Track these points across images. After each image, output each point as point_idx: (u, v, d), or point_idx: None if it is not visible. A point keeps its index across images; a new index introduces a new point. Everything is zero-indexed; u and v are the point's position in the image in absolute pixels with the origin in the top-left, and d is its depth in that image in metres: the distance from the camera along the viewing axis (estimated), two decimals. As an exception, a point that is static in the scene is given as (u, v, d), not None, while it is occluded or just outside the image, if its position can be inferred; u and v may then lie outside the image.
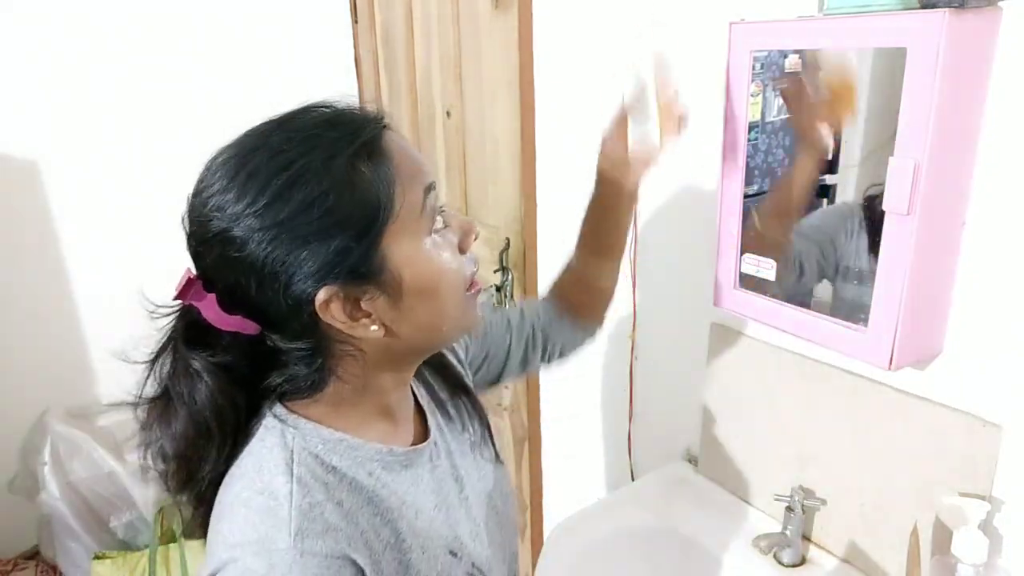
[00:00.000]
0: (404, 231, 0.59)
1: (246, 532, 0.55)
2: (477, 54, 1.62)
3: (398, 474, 0.66)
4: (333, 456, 0.62)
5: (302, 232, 0.55)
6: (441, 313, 0.64)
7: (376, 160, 0.57)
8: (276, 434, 0.61)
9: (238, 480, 0.59)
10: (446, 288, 0.63)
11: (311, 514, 0.55)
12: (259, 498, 0.56)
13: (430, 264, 0.61)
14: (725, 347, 1.17)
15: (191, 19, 2.12)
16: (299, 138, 0.56)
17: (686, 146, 1.17)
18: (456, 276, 0.64)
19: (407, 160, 0.60)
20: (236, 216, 0.55)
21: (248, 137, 0.60)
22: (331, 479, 0.60)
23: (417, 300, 0.61)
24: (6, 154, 1.97)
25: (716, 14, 1.05)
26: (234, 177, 0.56)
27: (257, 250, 0.55)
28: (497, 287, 1.65)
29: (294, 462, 0.59)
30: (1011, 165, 0.79)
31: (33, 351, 2.11)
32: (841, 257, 0.91)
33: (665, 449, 1.37)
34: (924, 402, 0.91)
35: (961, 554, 0.83)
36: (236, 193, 0.56)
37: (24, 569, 2.08)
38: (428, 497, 0.69)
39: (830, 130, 0.87)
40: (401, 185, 0.58)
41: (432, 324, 0.64)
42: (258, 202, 0.54)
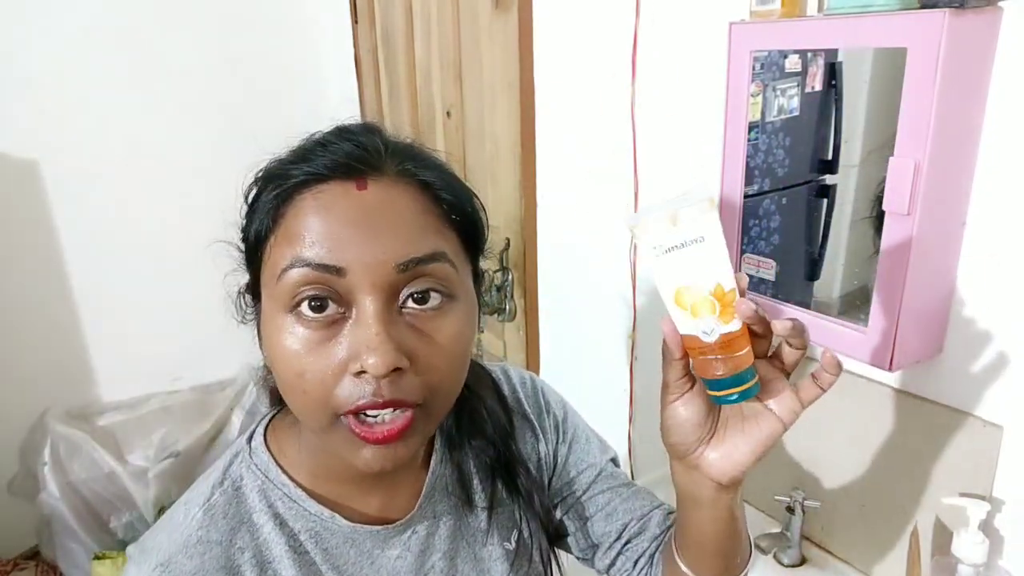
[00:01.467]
0: (267, 284, 0.53)
1: (145, 538, 0.58)
2: (477, 54, 1.62)
3: (331, 550, 0.60)
4: (268, 499, 0.59)
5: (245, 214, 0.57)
6: (286, 397, 0.54)
7: (278, 200, 0.53)
8: (230, 454, 0.61)
9: (194, 486, 0.61)
10: (282, 376, 0.53)
11: (188, 551, 0.55)
12: (178, 508, 0.59)
13: (270, 337, 0.53)
14: (725, 347, 1.17)
15: (191, 19, 2.12)
16: (301, 147, 0.56)
17: (686, 146, 1.18)
18: (293, 376, 0.51)
19: (304, 224, 0.51)
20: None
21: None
22: (253, 521, 0.58)
23: (270, 361, 0.54)
24: (6, 154, 1.97)
25: (716, 14, 1.05)
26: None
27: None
28: (497, 287, 1.65)
29: (220, 487, 0.59)
30: (1011, 165, 0.79)
31: (33, 351, 2.11)
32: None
33: (665, 449, 1.37)
34: (924, 402, 0.91)
35: (961, 554, 0.83)
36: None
37: (24, 569, 2.08)
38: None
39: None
40: (276, 237, 0.52)
41: (291, 406, 0.55)
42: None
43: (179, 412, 2.22)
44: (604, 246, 1.40)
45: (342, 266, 0.49)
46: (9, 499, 2.09)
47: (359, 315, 0.50)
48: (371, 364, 0.48)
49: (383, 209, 0.51)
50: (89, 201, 2.09)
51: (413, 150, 0.56)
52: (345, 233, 0.50)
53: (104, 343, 2.21)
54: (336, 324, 0.51)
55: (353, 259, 0.49)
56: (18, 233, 2.03)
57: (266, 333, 0.53)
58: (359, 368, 0.49)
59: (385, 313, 0.50)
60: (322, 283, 0.50)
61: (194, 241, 2.43)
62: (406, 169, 0.54)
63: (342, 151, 0.52)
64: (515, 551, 0.70)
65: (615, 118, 1.28)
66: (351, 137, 0.54)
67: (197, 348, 2.31)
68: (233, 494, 0.58)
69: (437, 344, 0.52)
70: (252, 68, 2.23)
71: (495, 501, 0.69)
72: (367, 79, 2.21)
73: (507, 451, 0.71)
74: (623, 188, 1.31)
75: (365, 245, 0.50)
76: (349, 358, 0.50)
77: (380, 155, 0.53)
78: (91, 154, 2.06)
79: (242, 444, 0.62)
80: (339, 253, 0.49)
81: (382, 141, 0.55)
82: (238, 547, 0.56)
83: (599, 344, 1.48)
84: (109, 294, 2.17)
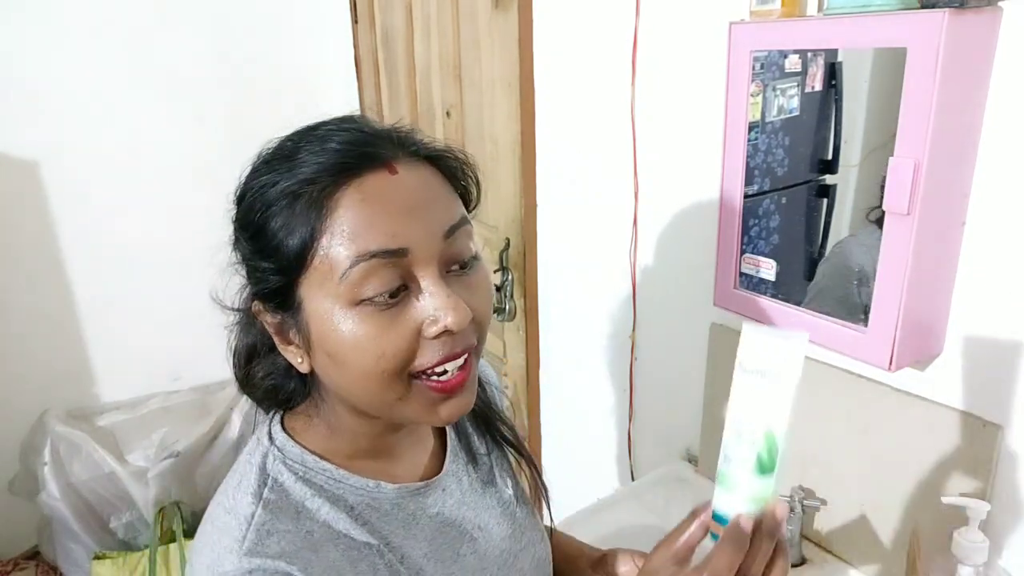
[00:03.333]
0: (320, 287, 0.54)
1: (204, 553, 0.57)
2: (477, 54, 1.62)
3: (386, 513, 0.63)
4: (315, 485, 0.61)
5: (248, 239, 0.58)
6: (353, 385, 0.57)
7: (316, 205, 0.53)
8: (259, 455, 0.62)
9: (221, 492, 0.61)
10: (355, 365, 0.55)
11: (268, 536, 0.55)
12: (224, 517, 0.58)
13: (337, 333, 0.54)
14: (725, 347, 1.17)
15: (191, 19, 2.12)
16: (286, 151, 0.57)
17: (686, 146, 1.18)
18: (372, 360, 0.54)
19: (359, 219, 0.53)
20: (233, 203, 0.60)
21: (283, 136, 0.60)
22: (307, 507, 0.59)
23: (328, 360, 0.56)
24: (6, 154, 1.97)
25: (716, 14, 1.05)
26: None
27: (236, 237, 0.60)
28: (497, 287, 1.65)
29: (266, 487, 0.59)
30: (1011, 165, 0.79)
31: (33, 351, 2.11)
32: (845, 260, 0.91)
33: (665, 449, 1.37)
34: (924, 402, 0.91)
35: (961, 554, 0.83)
36: (238, 183, 0.60)
37: (24, 569, 2.08)
38: (419, 544, 0.64)
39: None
40: (329, 240, 0.53)
41: (349, 391, 0.58)
42: (238, 198, 0.59)
43: (179, 412, 2.22)
44: (604, 246, 1.40)
45: (406, 246, 0.53)
46: (9, 499, 2.09)
47: (425, 286, 0.55)
48: (452, 322, 0.54)
49: (418, 187, 0.56)
50: (89, 201, 2.09)
51: (402, 130, 0.60)
52: (399, 216, 0.54)
53: (104, 343, 2.21)
54: (402, 302, 0.55)
55: (413, 238, 0.54)
56: (18, 233, 2.03)
57: (321, 333, 0.55)
58: (439, 330, 0.54)
59: (444, 278, 0.56)
60: (390, 268, 0.53)
61: (194, 241, 2.43)
62: (410, 150, 0.58)
63: (355, 141, 0.55)
64: (516, 494, 0.77)
65: (615, 118, 1.28)
66: (347, 128, 0.57)
67: (197, 348, 2.30)
68: (281, 490, 0.60)
69: (479, 296, 0.58)
70: (252, 68, 2.23)
71: (489, 450, 0.77)
72: (367, 79, 2.21)
73: (487, 408, 0.79)
74: (623, 188, 1.31)
75: (419, 223, 0.54)
76: (420, 326, 0.55)
77: (387, 138, 0.57)
78: (91, 154, 2.06)
79: (265, 444, 0.63)
80: (400, 237, 0.53)
81: (378, 127, 0.59)
82: (306, 531, 0.58)
83: (599, 344, 1.48)
84: (109, 294, 2.17)
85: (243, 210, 0.58)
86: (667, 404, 1.36)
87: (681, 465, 1.31)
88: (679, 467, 1.31)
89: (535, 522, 0.79)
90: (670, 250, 1.27)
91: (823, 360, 1.02)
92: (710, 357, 1.20)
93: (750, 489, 0.52)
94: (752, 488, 0.52)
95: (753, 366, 0.50)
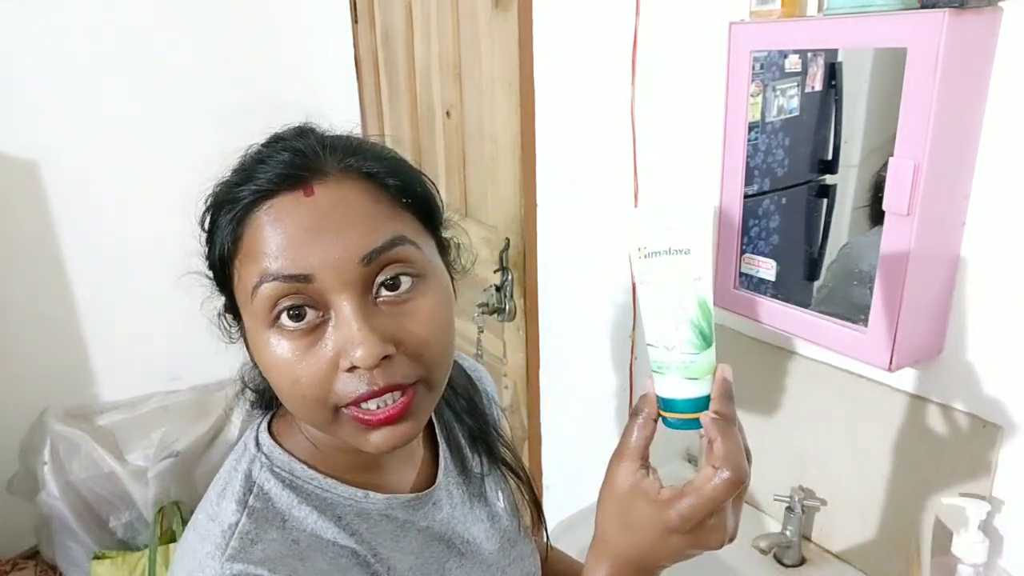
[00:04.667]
0: (244, 305, 0.54)
1: (184, 561, 0.55)
2: (477, 54, 1.62)
3: (374, 523, 0.62)
4: (303, 492, 0.60)
5: (205, 241, 0.58)
6: (286, 404, 0.56)
7: (234, 221, 0.53)
8: (246, 462, 0.61)
9: (205, 499, 0.60)
10: (277, 387, 0.54)
11: (252, 544, 0.54)
12: (207, 524, 0.57)
13: (259, 353, 0.54)
14: (725, 347, 1.17)
15: (191, 19, 2.12)
16: (241, 161, 0.57)
17: (686, 146, 1.18)
18: (288, 384, 0.52)
19: (263, 240, 0.52)
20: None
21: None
22: (294, 515, 0.58)
23: (265, 374, 0.56)
24: (6, 154, 1.97)
25: (716, 14, 1.05)
26: None
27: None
28: (497, 287, 1.65)
29: (251, 494, 0.58)
30: (1011, 165, 0.79)
31: (33, 351, 2.11)
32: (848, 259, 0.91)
33: (665, 449, 1.37)
34: (924, 402, 0.91)
35: (961, 554, 0.83)
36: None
37: (24, 569, 2.08)
38: (406, 557, 0.63)
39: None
40: (242, 259, 0.53)
41: (293, 412, 0.57)
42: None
43: (179, 412, 2.22)
44: (604, 246, 1.40)
45: (308, 273, 0.51)
46: (9, 499, 2.09)
47: (337, 315, 0.52)
48: (359, 358, 0.50)
49: (334, 209, 0.52)
50: (89, 201, 2.09)
51: (351, 143, 0.57)
52: (304, 240, 0.51)
53: (104, 343, 2.21)
54: (319, 328, 0.52)
55: (317, 264, 0.51)
56: (18, 233, 2.03)
57: (254, 348, 0.55)
58: (349, 364, 0.51)
59: (362, 307, 0.51)
60: (294, 293, 0.51)
61: (194, 241, 2.43)
62: (348, 165, 0.54)
63: (282, 161, 0.53)
64: (508, 508, 0.77)
65: (615, 118, 1.28)
66: (287, 145, 0.55)
67: (197, 348, 2.29)
68: (266, 498, 0.58)
69: (418, 323, 0.54)
70: (252, 68, 2.23)
71: (484, 469, 0.76)
72: (367, 79, 2.21)
73: (483, 423, 0.78)
74: (623, 188, 1.31)
75: (325, 248, 0.51)
76: (338, 356, 0.52)
77: (319, 156, 0.54)
78: (91, 154, 2.06)
79: (251, 451, 0.62)
80: (302, 261, 0.51)
81: (317, 141, 0.55)
82: (292, 539, 0.57)
83: (599, 344, 1.48)
84: (109, 294, 2.17)
85: (201, 216, 0.58)
86: (667, 404, 1.36)
87: (681, 465, 1.31)
88: (679, 467, 1.31)
89: (525, 536, 0.78)
90: (670, 250, 1.27)
91: (823, 360, 1.02)
92: (710, 357, 1.20)
93: (700, 366, 0.52)
94: (701, 365, 0.52)
95: (666, 245, 0.49)
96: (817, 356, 1.03)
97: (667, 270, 0.50)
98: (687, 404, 0.53)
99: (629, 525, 0.53)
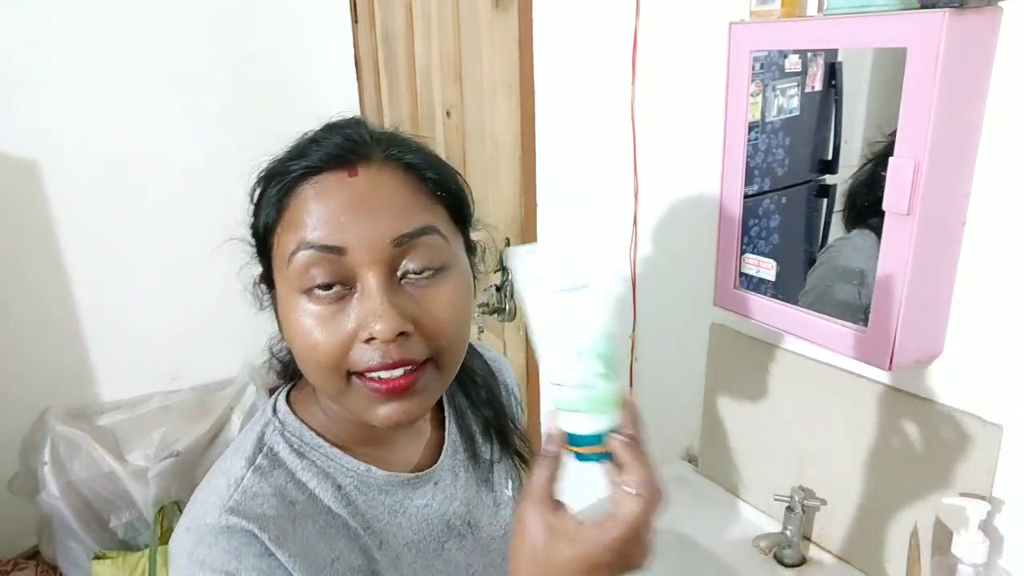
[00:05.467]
0: (279, 270, 0.59)
1: (192, 508, 0.60)
2: (477, 54, 1.62)
3: (372, 498, 0.65)
4: (308, 459, 0.64)
5: (251, 215, 0.62)
6: (303, 369, 0.60)
7: (282, 192, 0.58)
8: (261, 425, 0.66)
9: (222, 456, 0.65)
10: (297, 351, 0.59)
11: (252, 499, 0.59)
12: (219, 476, 0.62)
13: (286, 317, 0.58)
14: (725, 347, 1.17)
15: (191, 19, 2.12)
16: (297, 142, 0.61)
17: (686, 146, 1.18)
18: (307, 349, 0.56)
19: (306, 211, 0.56)
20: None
21: None
22: (297, 479, 0.62)
23: (289, 341, 0.60)
24: (6, 154, 1.97)
25: (716, 14, 1.05)
26: None
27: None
28: (497, 287, 1.65)
29: (261, 454, 0.63)
30: (1011, 165, 0.79)
31: (33, 351, 2.11)
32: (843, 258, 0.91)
33: (665, 449, 1.37)
34: (924, 402, 0.91)
35: (961, 554, 0.83)
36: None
37: (24, 569, 2.08)
38: (403, 532, 0.66)
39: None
40: (283, 227, 0.58)
41: (304, 375, 0.61)
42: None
43: (179, 412, 2.22)
44: (604, 246, 1.40)
45: (342, 246, 0.55)
46: (9, 498, 2.09)
47: (363, 289, 0.56)
48: (378, 330, 0.54)
49: (374, 192, 0.57)
50: (89, 201, 2.09)
51: (397, 137, 0.62)
52: (343, 217, 0.55)
53: (104, 343, 2.21)
54: (344, 300, 0.56)
55: (352, 239, 0.55)
56: (18, 233, 2.03)
57: (283, 313, 0.59)
58: (368, 335, 0.55)
59: (387, 285, 0.56)
60: (327, 263, 0.55)
61: (194, 241, 2.43)
62: (391, 154, 0.59)
63: (333, 144, 0.58)
64: (516, 497, 0.77)
65: (615, 118, 1.28)
66: (339, 131, 0.60)
67: (197, 348, 2.31)
68: (273, 459, 0.63)
69: (437, 307, 0.58)
70: (252, 68, 2.23)
71: (494, 456, 0.78)
72: (367, 79, 2.21)
73: (500, 414, 0.80)
74: (623, 188, 1.31)
75: (361, 225, 0.55)
76: (358, 327, 0.55)
77: (367, 144, 0.59)
78: (91, 154, 2.06)
79: (268, 415, 0.66)
80: (339, 235, 0.55)
81: (367, 131, 0.60)
82: (290, 500, 0.61)
83: (599, 344, 1.48)
84: (109, 294, 2.17)
85: (252, 186, 0.62)
86: (667, 404, 1.36)
87: (681, 465, 1.31)
88: (679, 467, 1.31)
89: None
90: (670, 250, 1.27)
91: (823, 360, 1.02)
92: (710, 357, 1.20)
93: (607, 398, 0.51)
94: (608, 397, 0.51)
95: (571, 283, 0.50)
96: (817, 356, 1.03)
97: (569, 305, 0.50)
98: (597, 438, 0.52)
99: (551, 572, 0.50)
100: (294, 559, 0.57)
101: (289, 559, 0.57)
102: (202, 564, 0.55)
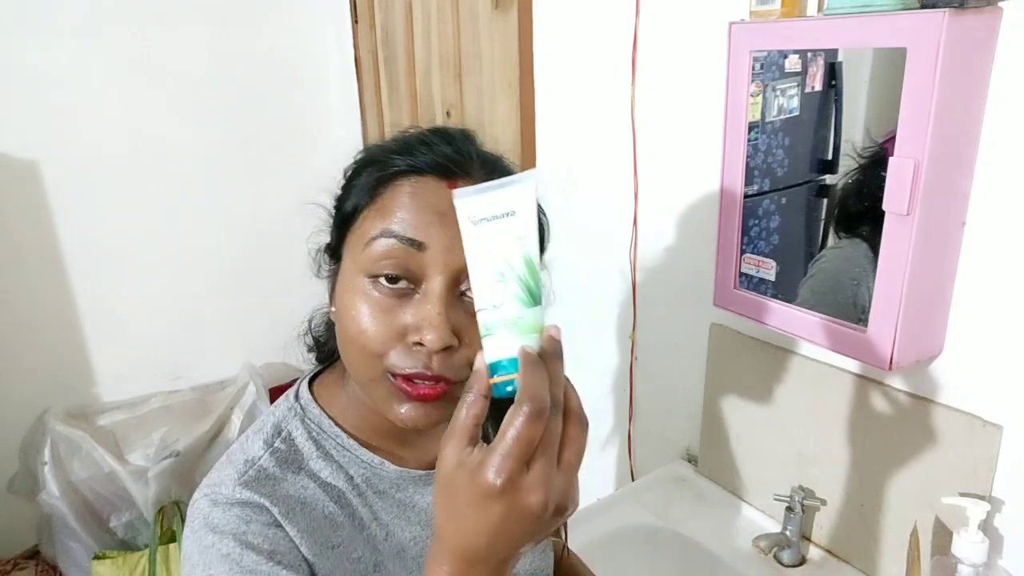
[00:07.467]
0: (353, 248, 0.61)
1: (212, 477, 0.63)
2: (477, 53, 1.62)
3: (383, 491, 0.67)
4: (323, 448, 0.66)
5: (340, 189, 0.65)
6: (343, 345, 0.61)
7: (379, 180, 0.60)
8: (283, 408, 0.68)
9: (243, 435, 0.68)
10: (344, 327, 0.60)
11: (266, 479, 0.62)
12: (237, 454, 0.64)
13: (346, 293, 0.60)
14: (725, 347, 1.17)
15: (191, 19, 2.12)
16: (405, 137, 0.64)
17: (686, 146, 1.18)
18: (356, 330, 0.58)
19: (398, 204, 0.59)
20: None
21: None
22: (310, 466, 0.65)
23: (336, 315, 0.62)
24: (6, 154, 1.97)
25: (716, 14, 1.05)
26: None
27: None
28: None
29: (279, 437, 0.65)
30: (1011, 165, 0.79)
31: (33, 351, 2.11)
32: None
33: (665, 449, 1.37)
34: (924, 402, 0.91)
35: (961, 554, 0.83)
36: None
37: (24, 569, 2.08)
38: (410, 527, 0.68)
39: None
40: (371, 211, 0.60)
41: (342, 351, 0.62)
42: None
43: (179, 412, 2.21)
44: (604, 246, 1.40)
45: (424, 241, 0.57)
46: (9, 498, 2.09)
47: (426, 292, 0.57)
48: (429, 339, 0.55)
49: None
50: (89, 201, 2.09)
51: (500, 163, 0.65)
52: (431, 218, 0.58)
53: (104, 343, 2.21)
54: (405, 297, 0.58)
55: (434, 240, 0.57)
56: (18, 233, 2.03)
57: (341, 289, 0.61)
58: (417, 339, 0.56)
59: (448, 294, 0.57)
60: (403, 255, 0.57)
61: (195, 241, 2.43)
62: (491, 178, 0.59)
63: (442, 153, 0.61)
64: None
65: (615, 118, 1.28)
66: (451, 141, 0.62)
67: (197, 348, 2.31)
68: (291, 443, 0.65)
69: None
70: (252, 68, 2.23)
71: None
72: (367, 79, 2.21)
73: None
74: (623, 188, 1.31)
75: (445, 231, 0.57)
76: (409, 329, 0.57)
77: (472, 161, 0.62)
78: (91, 154, 2.06)
79: (290, 400, 0.68)
80: (422, 232, 0.57)
81: (475, 150, 0.63)
82: (301, 485, 0.63)
83: (599, 344, 1.48)
84: (109, 294, 2.17)
85: (349, 165, 0.65)
86: (667, 404, 1.36)
87: (681, 465, 1.31)
88: (679, 467, 1.31)
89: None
90: (670, 250, 1.27)
91: (823, 360, 1.02)
92: (710, 357, 1.20)
93: (528, 323, 0.50)
94: (528, 321, 0.50)
95: (493, 211, 0.50)
96: (817, 356, 1.03)
97: (494, 232, 0.51)
98: (512, 363, 0.49)
99: (456, 510, 0.46)
100: (301, 535, 0.60)
101: (297, 534, 0.60)
102: (214, 528, 0.58)
